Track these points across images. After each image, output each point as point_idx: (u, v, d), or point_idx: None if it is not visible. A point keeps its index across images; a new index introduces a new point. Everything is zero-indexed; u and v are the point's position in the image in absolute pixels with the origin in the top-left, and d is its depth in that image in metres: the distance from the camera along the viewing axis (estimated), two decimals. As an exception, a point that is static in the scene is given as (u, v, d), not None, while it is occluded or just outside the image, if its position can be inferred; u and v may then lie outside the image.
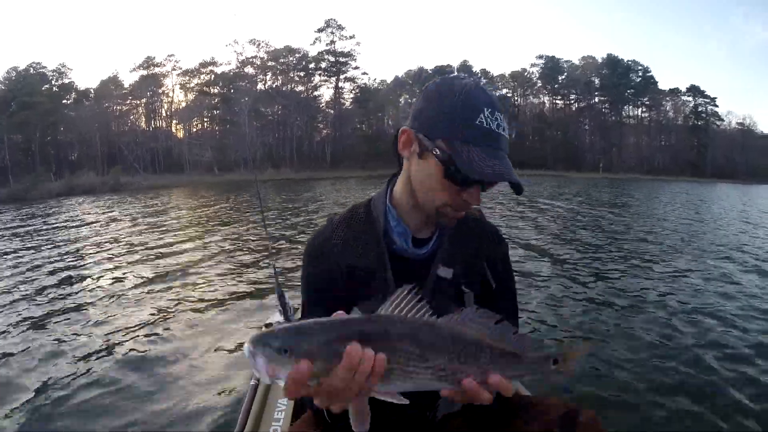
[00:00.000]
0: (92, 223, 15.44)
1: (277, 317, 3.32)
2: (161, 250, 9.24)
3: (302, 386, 0.74)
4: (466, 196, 1.08)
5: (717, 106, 70.35)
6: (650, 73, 70.75)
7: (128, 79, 64.55)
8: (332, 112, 66.17)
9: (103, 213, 18.84)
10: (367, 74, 68.83)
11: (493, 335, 0.89)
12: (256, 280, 6.58)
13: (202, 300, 5.79)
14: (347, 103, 66.92)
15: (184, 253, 8.84)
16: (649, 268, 7.39)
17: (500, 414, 1.21)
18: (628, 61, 70.91)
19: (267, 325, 3.26)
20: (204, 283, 6.59)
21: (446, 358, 0.85)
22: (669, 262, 7.79)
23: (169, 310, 5.41)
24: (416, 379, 0.83)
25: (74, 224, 15.20)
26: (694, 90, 70.14)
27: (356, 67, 67.76)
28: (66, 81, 59.69)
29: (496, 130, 1.05)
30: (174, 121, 63.69)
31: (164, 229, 12.47)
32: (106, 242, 10.75)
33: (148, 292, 6.15)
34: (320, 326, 0.77)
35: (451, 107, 1.05)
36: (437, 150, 1.05)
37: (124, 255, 8.90)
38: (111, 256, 8.93)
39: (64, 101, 58.39)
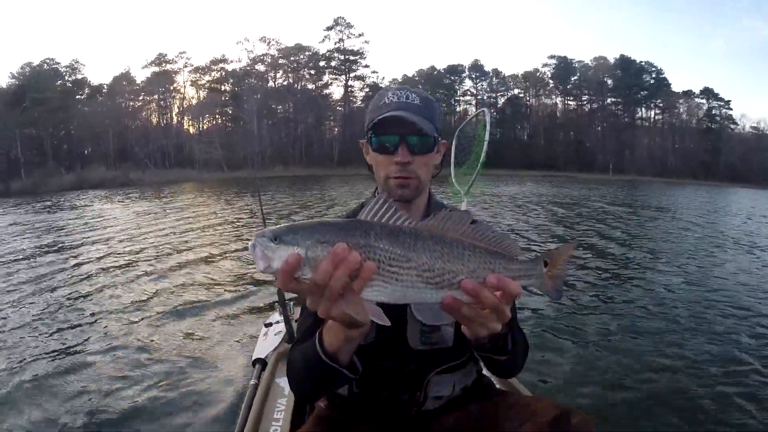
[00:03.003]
0: (94, 218, 15.56)
1: (276, 317, 3.30)
2: (160, 248, 9.21)
3: (292, 277, 0.81)
4: (396, 159, 1.28)
5: (731, 109, 69.74)
6: (663, 75, 70.33)
7: (140, 75, 65.37)
8: (342, 110, 66.32)
9: (109, 209, 18.98)
10: (377, 73, 68.80)
11: (472, 235, 0.91)
12: (257, 280, 6.53)
13: (202, 300, 5.76)
14: (358, 102, 67.02)
15: (185, 253, 8.79)
16: (650, 273, 7.29)
17: (493, 415, 1.25)
18: (641, 62, 70.43)
19: (267, 325, 3.25)
20: (204, 282, 6.56)
21: (429, 257, 0.85)
22: (673, 268, 7.66)
23: (169, 310, 5.37)
24: (402, 281, 0.84)
25: (76, 220, 15.32)
26: (707, 92, 69.49)
27: (366, 66, 68.03)
28: (79, 77, 60.54)
29: (393, 98, 1.31)
30: (186, 118, 64.28)
31: (165, 227, 12.42)
32: (101, 239, 10.74)
33: (145, 293, 6.10)
34: (307, 223, 0.83)
35: (370, 105, 1.38)
36: (367, 137, 1.35)
37: (121, 254, 8.82)
38: (107, 254, 8.91)
39: (78, 96, 59.03)
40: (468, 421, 1.30)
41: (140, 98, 62.18)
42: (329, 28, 66.70)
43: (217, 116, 64.03)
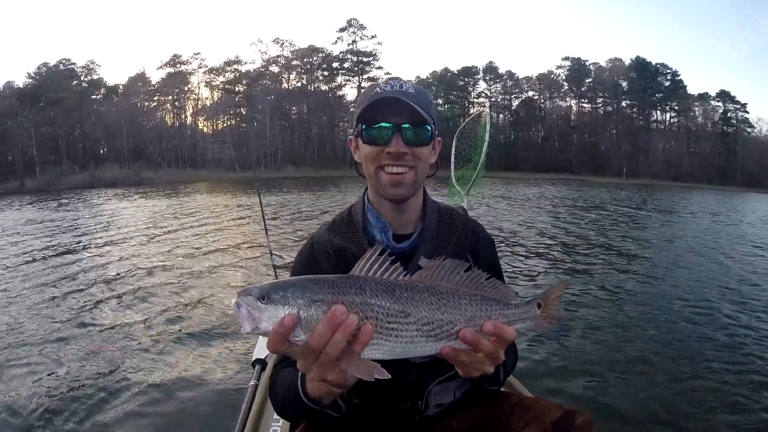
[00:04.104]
0: (105, 216, 15.77)
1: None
2: (163, 248, 9.26)
3: (285, 339, 0.76)
4: (389, 149, 1.16)
5: (747, 112, 68.39)
6: (679, 77, 69.20)
7: (155, 76, 66.02)
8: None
9: (121, 207, 19.15)
10: (390, 74, 68.39)
11: (467, 283, 0.91)
12: (257, 281, 6.45)
13: (202, 300, 5.76)
14: (371, 103, 66.96)
15: (188, 253, 8.82)
16: (658, 277, 7.19)
17: (496, 417, 1.24)
18: (656, 64, 69.40)
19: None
20: (205, 283, 6.58)
21: (428, 310, 0.84)
22: (682, 274, 7.55)
23: (170, 310, 5.38)
24: (402, 336, 0.82)
25: (89, 218, 15.53)
26: (723, 95, 68.25)
27: (379, 67, 68.04)
28: (95, 77, 61.30)
29: (386, 87, 1.20)
30: (200, 118, 64.84)
31: (170, 227, 12.49)
32: (107, 237, 10.88)
33: (146, 292, 6.13)
34: (295, 280, 0.80)
35: (360, 98, 1.28)
36: (357, 130, 1.22)
37: (122, 257, 8.75)
38: (113, 252, 9.02)
39: (93, 96, 59.75)
40: (471, 424, 1.27)
41: (155, 99, 62.91)
42: (342, 30, 67.06)
43: (230, 116, 64.50)
